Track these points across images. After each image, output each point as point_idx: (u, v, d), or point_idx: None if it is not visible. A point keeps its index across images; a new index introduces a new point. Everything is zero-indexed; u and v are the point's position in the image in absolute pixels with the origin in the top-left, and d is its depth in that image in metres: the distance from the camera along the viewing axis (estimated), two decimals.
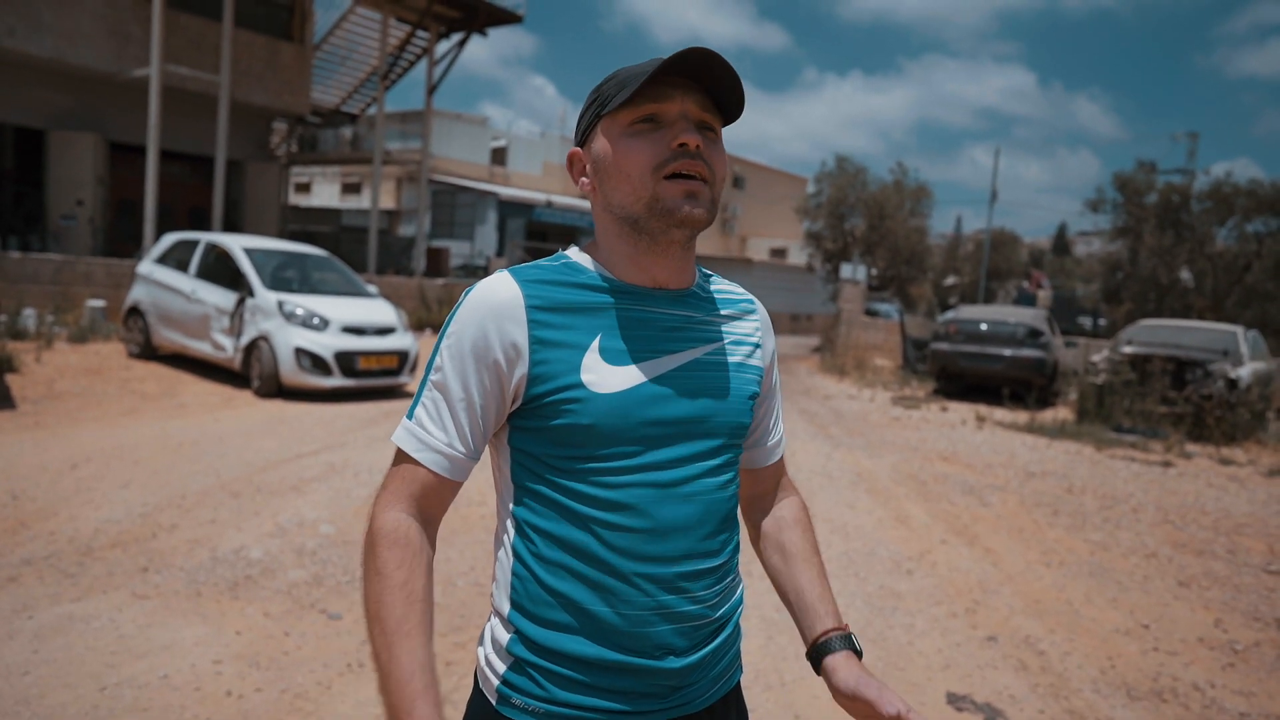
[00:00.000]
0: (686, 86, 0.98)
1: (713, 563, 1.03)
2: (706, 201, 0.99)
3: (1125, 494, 6.64)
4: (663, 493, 0.98)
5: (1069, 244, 64.81)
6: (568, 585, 0.97)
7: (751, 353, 1.11)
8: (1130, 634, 3.85)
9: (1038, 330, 11.85)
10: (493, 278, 1.01)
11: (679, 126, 0.97)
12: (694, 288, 1.08)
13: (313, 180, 34.43)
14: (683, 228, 0.98)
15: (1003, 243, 34.90)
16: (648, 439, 0.98)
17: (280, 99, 18.23)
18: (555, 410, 0.96)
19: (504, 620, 1.01)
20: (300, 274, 8.89)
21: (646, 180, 0.97)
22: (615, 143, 1.00)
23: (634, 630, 0.97)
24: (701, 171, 0.98)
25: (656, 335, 1.01)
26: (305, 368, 7.80)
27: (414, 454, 0.98)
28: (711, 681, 1.06)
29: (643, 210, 0.98)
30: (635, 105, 0.98)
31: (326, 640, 3.16)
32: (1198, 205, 18.39)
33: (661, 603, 0.98)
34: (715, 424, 1.03)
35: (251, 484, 5.06)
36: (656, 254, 1.02)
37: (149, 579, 3.58)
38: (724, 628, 1.07)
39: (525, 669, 0.99)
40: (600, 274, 1.03)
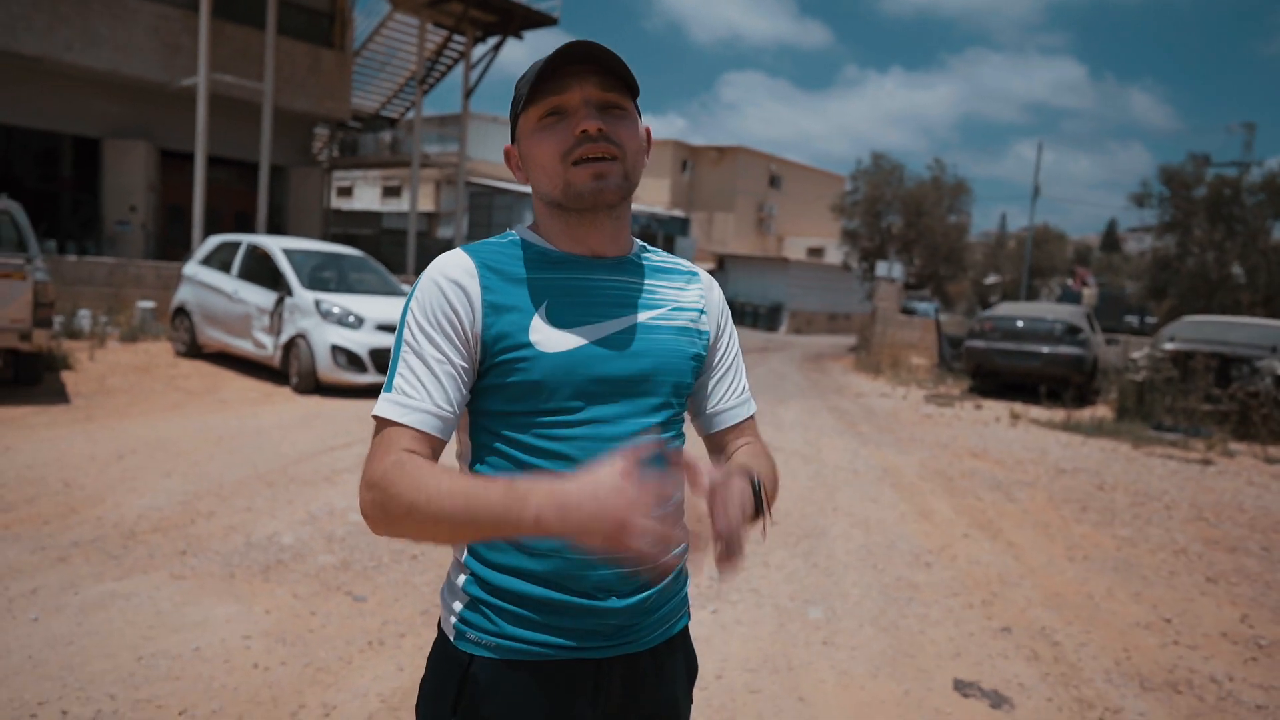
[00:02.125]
0: (583, 73, 1.05)
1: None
2: (617, 177, 1.06)
3: (1159, 491, 6.53)
4: (603, 445, 1.05)
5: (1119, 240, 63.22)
6: None
7: (696, 318, 1.18)
8: (1150, 627, 3.82)
9: (1076, 327, 11.64)
10: (447, 254, 1.10)
11: (579, 115, 1.05)
12: (631, 255, 1.16)
13: (354, 184, 35.13)
14: (596, 208, 1.07)
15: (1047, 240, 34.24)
16: (589, 394, 1.06)
17: (322, 105, 18.69)
18: (508, 369, 1.05)
19: (460, 564, 1.11)
20: (337, 274, 9.13)
21: (558, 168, 1.06)
22: (530, 138, 1.09)
23: (576, 572, 1.05)
24: (607, 151, 1.05)
25: (597, 301, 1.10)
26: (341, 365, 8.02)
27: (398, 419, 1.00)
28: (655, 624, 1.13)
29: (560, 195, 1.07)
30: (539, 101, 1.06)
31: (350, 620, 3.29)
32: (1250, 198, 17.87)
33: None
34: (656, 383, 1.11)
35: (286, 475, 5.25)
36: (586, 226, 1.10)
37: (186, 561, 3.75)
38: (666, 575, 1.14)
39: (479, 607, 1.07)
40: (542, 247, 1.12)
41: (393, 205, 32.30)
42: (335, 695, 2.70)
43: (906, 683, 3.11)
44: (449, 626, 1.11)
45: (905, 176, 22.48)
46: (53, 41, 14.31)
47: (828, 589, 4.01)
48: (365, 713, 2.62)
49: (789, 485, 5.90)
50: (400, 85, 21.84)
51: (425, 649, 3.08)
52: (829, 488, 6.00)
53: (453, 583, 1.12)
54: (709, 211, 37.21)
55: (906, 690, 3.04)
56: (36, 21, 14.11)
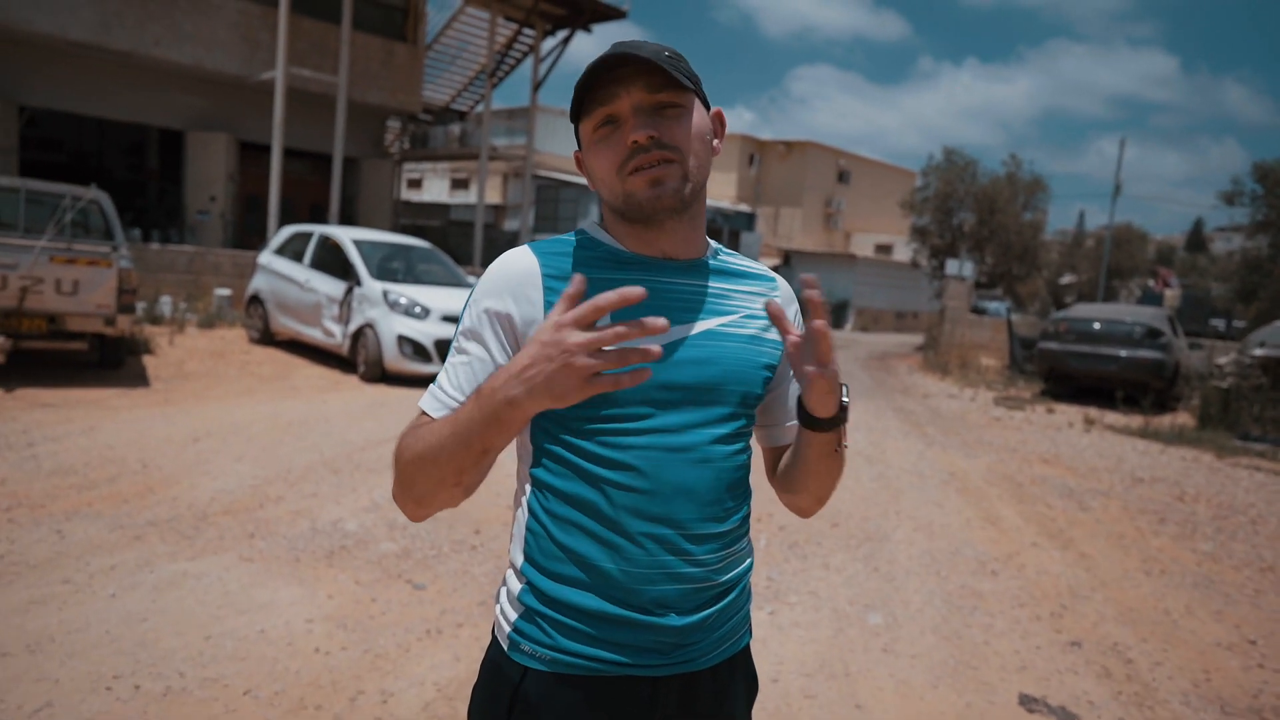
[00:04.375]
0: (630, 78, 1.01)
1: (718, 528, 1.07)
2: (675, 181, 1.02)
3: (1245, 504, 6.21)
4: (669, 456, 1.03)
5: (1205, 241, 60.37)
6: (577, 540, 1.03)
7: (769, 326, 1.13)
8: (1233, 649, 3.63)
9: (1157, 330, 11.15)
10: (513, 250, 1.08)
11: (629, 125, 1.02)
12: (705, 258, 1.12)
13: (423, 176, 35.79)
14: (657, 215, 1.03)
15: (1128, 239, 32.89)
16: (656, 402, 1.03)
17: (394, 98, 19.05)
18: None
19: (517, 572, 1.08)
20: (405, 265, 9.30)
21: (615, 181, 1.04)
22: (588, 151, 1.07)
23: (636, 587, 1.02)
24: (663, 157, 1.01)
25: (670, 305, 1.06)
26: (407, 354, 8.17)
27: (432, 412, 1.01)
28: (716, 643, 1.10)
29: (621, 204, 1.05)
30: (591, 112, 1.04)
31: (409, 608, 3.34)
32: None
33: (663, 562, 1.03)
34: (725, 392, 1.07)
35: (351, 461, 5.37)
36: (654, 231, 1.07)
37: (255, 544, 3.86)
38: (729, 592, 1.10)
39: (535, 618, 1.05)
40: (611, 247, 1.08)
41: (460, 197, 32.82)
42: (393, 683, 2.74)
43: (969, 695, 3.02)
44: (503, 635, 1.09)
45: (979, 172, 21.83)
46: (141, 37, 14.91)
47: (889, 595, 3.92)
48: (422, 701, 2.65)
49: (851, 487, 5.79)
50: (470, 78, 22.11)
51: (482, 640, 3.11)
52: (893, 491, 5.87)
53: (508, 589, 1.10)
54: (775, 206, 36.81)
55: (969, 703, 2.95)
56: (127, 18, 14.72)
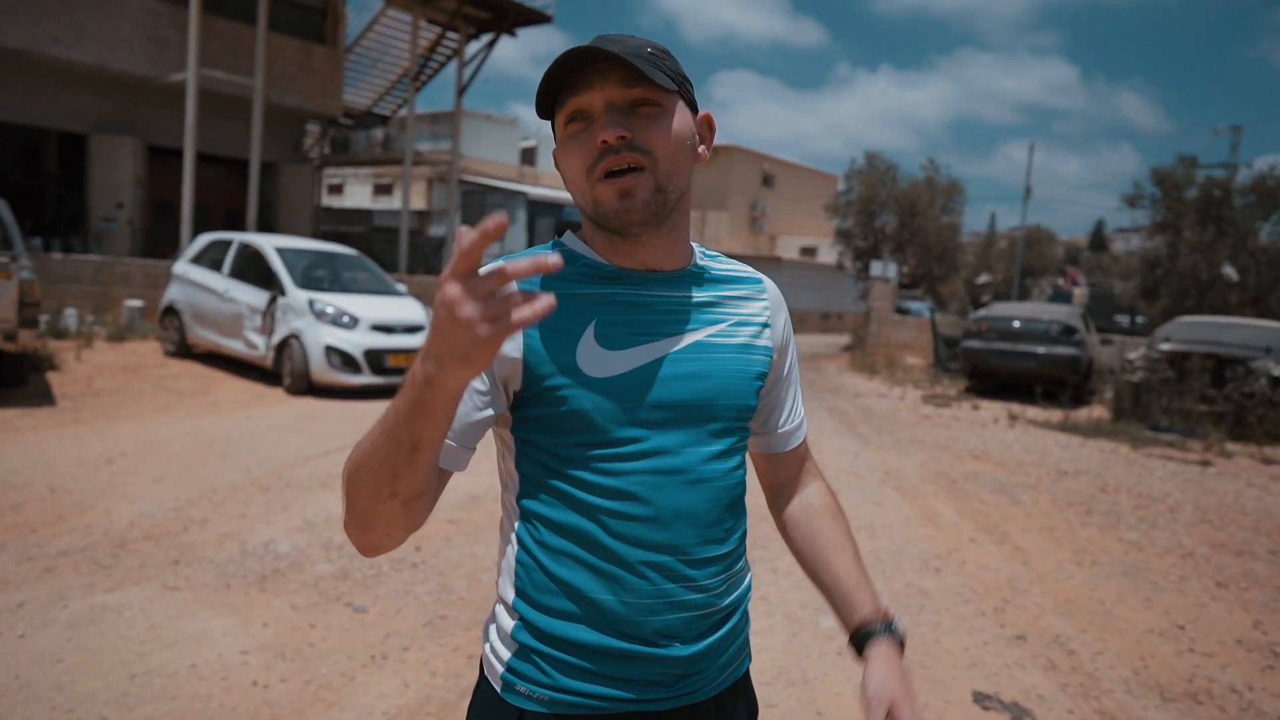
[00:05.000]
0: (606, 70, 0.93)
1: (719, 550, 1.02)
2: (645, 192, 0.94)
3: (1162, 493, 6.50)
4: (666, 479, 0.96)
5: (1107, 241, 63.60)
6: (572, 573, 0.96)
7: (759, 333, 1.08)
8: (1165, 635, 3.77)
9: (1072, 327, 11.63)
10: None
11: (599, 122, 0.94)
12: (690, 267, 1.05)
13: (345, 181, 34.89)
14: (626, 228, 0.95)
15: (1038, 240, 34.34)
16: (649, 423, 0.96)
17: (313, 101, 18.50)
18: (555, 397, 0.95)
19: (508, 607, 1.00)
20: (331, 273, 9.01)
21: (585, 186, 0.96)
22: (559, 150, 0.99)
23: (638, 618, 0.96)
24: (633, 161, 0.93)
25: (654, 319, 0.99)
26: (335, 365, 7.90)
27: None
28: (719, 670, 1.04)
29: (591, 211, 0.97)
30: (562, 106, 0.96)
31: (351, 633, 3.19)
32: (1240, 200, 17.96)
33: (665, 591, 0.97)
34: (718, 407, 1.01)
35: (281, 479, 5.14)
36: (632, 244, 0.99)
37: (180, 571, 3.64)
38: (731, 615, 1.05)
39: (530, 656, 0.98)
40: (592, 260, 1.01)
41: (384, 203, 32.09)
42: (339, 715, 2.60)
43: (924, 694, 3.04)
44: (495, 675, 1.00)
45: (899, 176, 22.47)
46: (38, 35, 14.09)
47: None
48: None
49: None
50: (393, 82, 21.64)
51: (430, 663, 2.99)
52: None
53: (499, 626, 1.02)
54: (702, 210, 37.14)
55: (925, 703, 2.97)
56: (21, 14, 13.89)
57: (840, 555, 1.12)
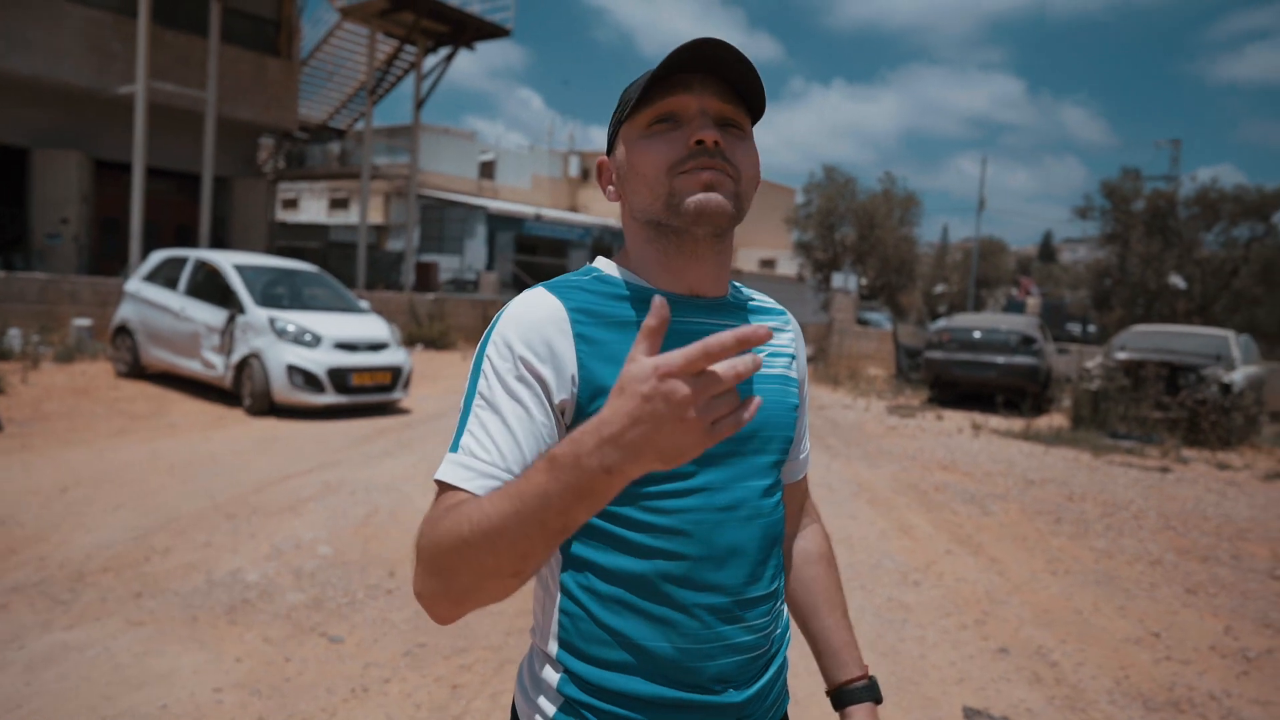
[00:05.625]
0: (705, 81, 0.92)
1: (768, 588, 0.99)
2: (729, 192, 0.92)
3: (1126, 500, 6.62)
4: (720, 516, 0.93)
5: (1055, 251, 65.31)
6: (624, 620, 0.91)
7: (790, 364, 1.07)
8: (1141, 643, 3.81)
9: (1031, 337, 11.87)
10: (528, 293, 0.95)
11: (696, 123, 0.92)
12: (728, 297, 1.03)
13: (300, 196, 34.33)
14: (702, 221, 0.91)
15: (990, 251, 35.10)
16: (701, 458, 0.92)
17: (267, 114, 18.17)
18: None
19: (552, 660, 0.95)
20: (291, 290, 8.80)
21: (662, 179, 0.93)
22: (633, 146, 0.95)
23: (694, 664, 0.92)
24: (722, 168, 0.92)
25: None
26: (298, 385, 7.71)
27: (463, 484, 0.84)
28: (766, 712, 1.01)
29: (662, 209, 0.93)
30: (651, 104, 0.93)
31: (329, 665, 3.08)
32: (1185, 211, 18.58)
33: (720, 634, 0.93)
34: (766, 440, 0.98)
35: (246, 505, 4.97)
36: (686, 256, 0.96)
37: (143, 604, 3.49)
38: (777, 656, 1.03)
39: (577, 709, 0.92)
40: (633, 284, 0.97)
41: (340, 218, 31.61)
42: None
43: (915, 712, 3.02)
44: None
45: (857, 189, 22.81)
46: None
47: None
48: None
49: None
50: (349, 95, 21.36)
51: (413, 695, 2.89)
52: None
53: (537, 677, 0.96)
54: None
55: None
56: None
57: (832, 611, 1.15)
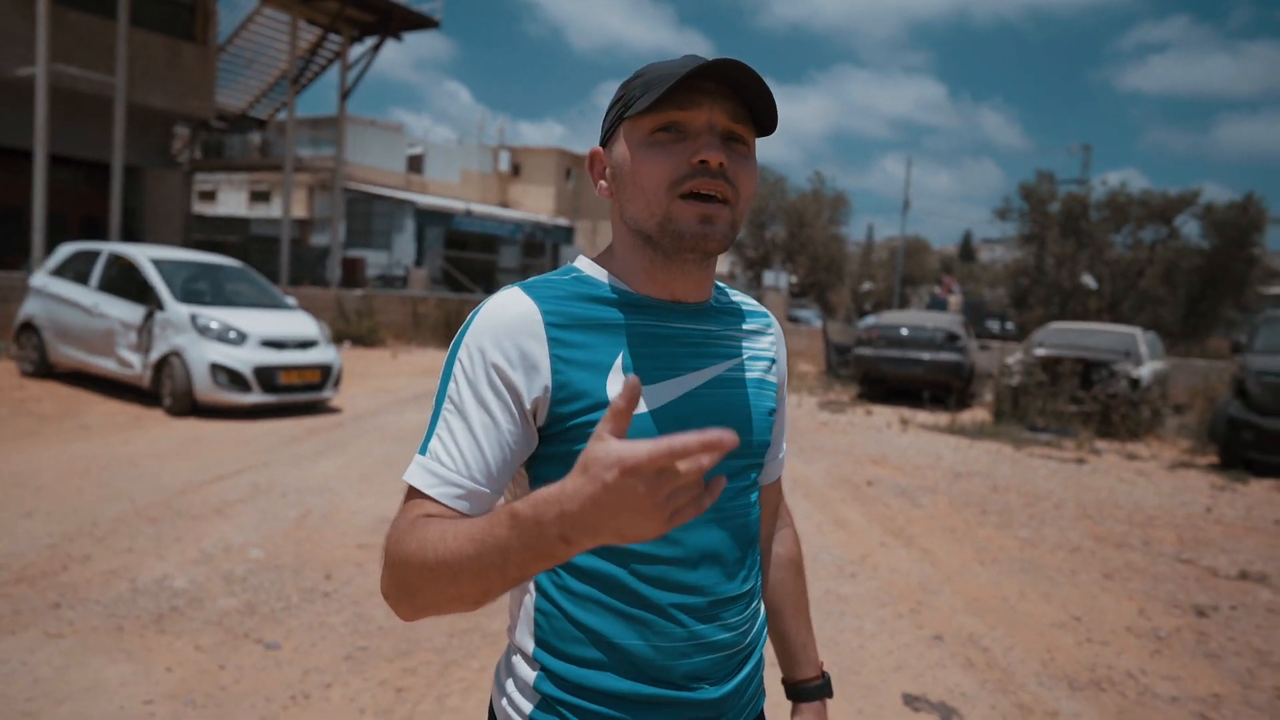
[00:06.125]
0: (716, 94, 0.91)
1: (743, 588, 1.00)
2: (724, 225, 0.92)
3: (1046, 491, 6.92)
4: (697, 518, 0.93)
5: (974, 251, 67.73)
6: (598, 619, 0.92)
7: (769, 368, 1.07)
8: (1065, 627, 3.99)
9: (955, 335, 12.27)
10: (503, 293, 0.94)
11: (702, 140, 0.91)
12: (711, 301, 1.04)
13: (218, 188, 33.10)
14: (694, 253, 0.92)
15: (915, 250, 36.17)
16: None
17: (182, 102, 17.46)
18: (581, 434, 0.90)
19: (528, 658, 0.96)
20: (213, 286, 8.48)
21: (661, 197, 0.91)
22: (634, 151, 0.93)
23: (669, 662, 0.93)
24: (722, 191, 0.91)
25: (679, 352, 0.96)
26: (222, 384, 7.43)
27: (428, 489, 0.87)
28: (741, 709, 1.02)
29: (654, 228, 0.92)
30: (658, 110, 0.91)
31: (266, 672, 2.98)
32: (1096, 214, 19.51)
33: (696, 633, 0.95)
34: (743, 444, 0.99)
35: (170, 508, 4.77)
36: (672, 271, 0.96)
37: (62, 615, 3.31)
38: (753, 653, 1.04)
39: (555, 707, 0.93)
40: (615, 287, 0.97)
41: (261, 211, 30.58)
42: None
43: (857, 700, 3.10)
44: None
45: (787, 188, 23.19)
46: None
47: None
48: None
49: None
50: (269, 84, 20.68)
51: (356, 699, 2.83)
52: None
53: (517, 677, 0.96)
54: (594, 220, 37.22)
55: (859, 709, 3.03)
56: None
57: (795, 615, 1.20)
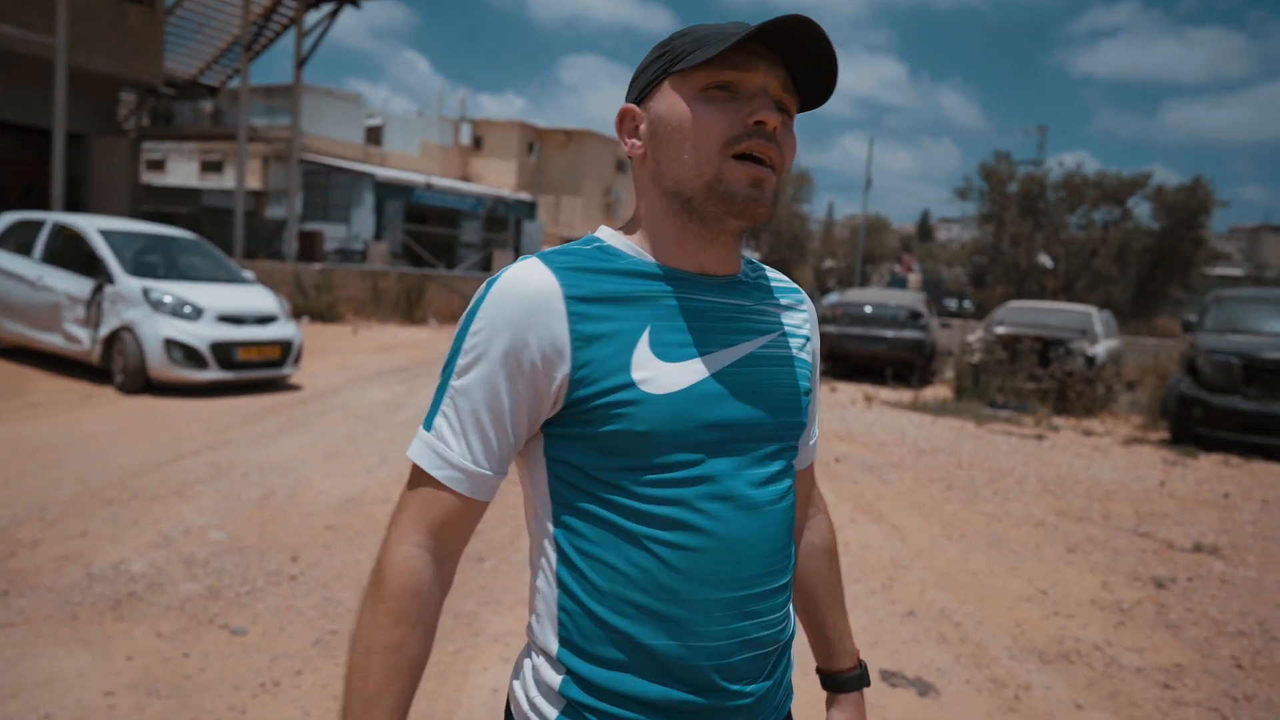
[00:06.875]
0: (772, 60, 0.88)
1: (781, 580, 0.94)
2: (771, 192, 0.89)
3: (1008, 467, 7.04)
4: (730, 505, 0.88)
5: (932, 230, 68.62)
6: (629, 619, 0.86)
7: (803, 346, 1.02)
8: (1032, 600, 4.06)
9: (918, 312, 12.42)
10: (521, 265, 0.88)
11: (759, 102, 0.86)
12: (740, 275, 0.98)
13: (168, 157, 32.07)
14: (740, 218, 0.88)
15: (875, 228, 36.48)
16: (709, 445, 0.87)
17: (128, 66, 16.77)
18: (604, 415, 0.84)
19: (552, 660, 0.89)
20: (166, 259, 8.19)
21: (713, 156, 0.86)
22: (688, 105, 0.87)
23: (703, 663, 0.87)
24: (773, 157, 0.87)
25: (710, 326, 0.91)
26: (177, 360, 7.20)
27: (433, 471, 0.87)
28: (772, 711, 0.97)
29: (700, 189, 0.87)
30: (713, 68, 0.86)
31: (233, 659, 2.89)
32: (1053, 195, 19.85)
33: (734, 630, 0.89)
34: (777, 425, 0.94)
35: (126, 490, 4.61)
36: (706, 240, 0.91)
37: (12, 604, 3.18)
38: (786, 650, 0.99)
39: (581, 713, 0.87)
40: (641, 258, 0.91)
41: (213, 181, 29.70)
42: None
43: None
44: None
45: None
46: None
47: None
48: None
49: None
50: (221, 50, 19.96)
51: (328, 686, 2.75)
52: None
53: (541, 679, 0.90)
54: (556, 195, 36.86)
55: None
56: None
57: (832, 606, 1.16)
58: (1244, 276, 30.35)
